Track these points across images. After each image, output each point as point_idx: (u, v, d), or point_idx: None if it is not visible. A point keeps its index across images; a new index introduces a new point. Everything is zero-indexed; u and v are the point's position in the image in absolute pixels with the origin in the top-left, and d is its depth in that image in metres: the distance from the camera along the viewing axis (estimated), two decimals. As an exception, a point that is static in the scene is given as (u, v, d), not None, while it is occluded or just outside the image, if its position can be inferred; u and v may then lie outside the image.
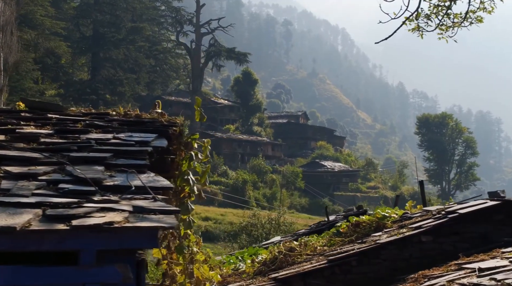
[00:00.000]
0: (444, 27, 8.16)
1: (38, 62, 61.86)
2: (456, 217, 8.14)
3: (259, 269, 9.64)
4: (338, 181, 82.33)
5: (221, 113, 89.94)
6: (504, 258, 6.63)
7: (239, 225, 35.44)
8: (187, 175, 6.08)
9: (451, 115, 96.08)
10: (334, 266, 8.06)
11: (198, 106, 6.59)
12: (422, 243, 8.13)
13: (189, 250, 6.29)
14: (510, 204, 8.26)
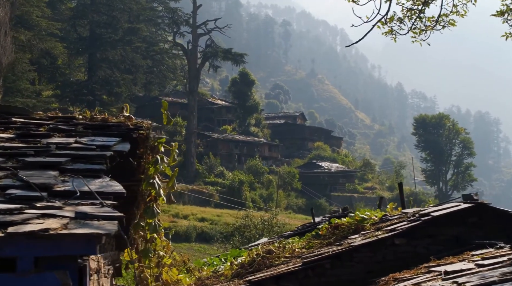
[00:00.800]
0: (418, 31, 8.19)
1: (34, 63, 61.87)
2: (429, 220, 8.17)
3: (237, 271, 9.66)
4: (335, 181, 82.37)
5: (218, 114, 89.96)
6: (471, 261, 6.65)
7: (232, 226, 35.50)
8: (153, 179, 6.09)
9: (448, 116, 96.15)
10: (308, 268, 8.08)
11: (164, 109, 6.61)
12: (396, 246, 8.15)
13: (156, 254, 6.32)
14: (483, 207, 8.29)
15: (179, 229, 53.15)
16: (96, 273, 6.82)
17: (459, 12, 8.22)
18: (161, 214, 31.10)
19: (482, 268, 6.23)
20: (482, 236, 8.03)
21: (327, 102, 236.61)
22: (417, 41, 8.26)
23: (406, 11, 8.06)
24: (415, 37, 8.27)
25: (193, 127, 72.62)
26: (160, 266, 6.40)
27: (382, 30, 8.14)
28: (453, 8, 8.14)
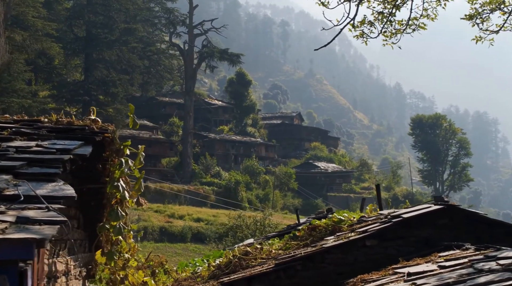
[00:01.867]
0: (389, 34, 8.24)
1: (30, 63, 61.91)
2: (400, 221, 8.23)
3: (213, 273, 9.71)
4: (332, 181, 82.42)
5: (215, 114, 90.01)
6: (435, 262, 6.71)
7: (224, 227, 35.53)
8: (117, 182, 6.15)
9: (445, 116, 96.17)
10: (280, 270, 8.13)
11: (131, 113, 6.65)
12: (367, 247, 8.20)
13: (122, 256, 6.38)
14: (453, 209, 8.35)
15: (174, 230, 53.27)
16: (65, 275, 6.88)
17: (429, 16, 8.29)
18: (157, 214, 31.44)
19: (443, 269, 6.30)
20: (452, 237, 8.09)
21: (325, 102, 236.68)
22: (389, 44, 8.33)
23: (378, 15, 8.12)
24: (386, 40, 8.33)
25: (190, 127, 72.63)
26: (126, 269, 6.44)
27: (354, 33, 8.22)
28: (424, 11, 8.22)
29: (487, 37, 8.63)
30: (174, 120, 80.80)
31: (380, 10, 8.08)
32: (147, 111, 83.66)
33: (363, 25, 8.08)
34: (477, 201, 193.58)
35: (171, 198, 63.05)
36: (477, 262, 5.94)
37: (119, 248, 6.36)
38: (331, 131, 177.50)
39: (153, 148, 69.85)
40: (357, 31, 8.17)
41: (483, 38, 8.67)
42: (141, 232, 7.45)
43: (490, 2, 8.16)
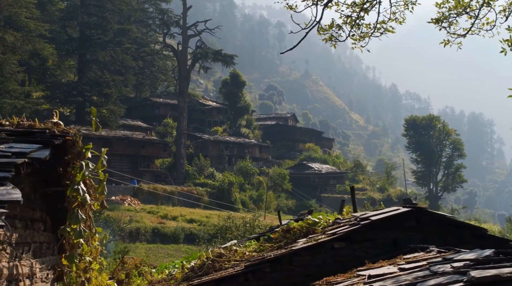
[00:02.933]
0: (357, 37, 8.27)
1: (23, 64, 61.81)
2: (368, 224, 8.26)
3: (187, 275, 9.73)
4: (326, 182, 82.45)
5: (209, 115, 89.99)
6: (397, 264, 6.75)
7: (214, 228, 35.51)
8: (77, 185, 6.16)
9: (439, 117, 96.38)
10: (248, 272, 8.15)
11: (93, 116, 6.66)
12: (335, 250, 8.24)
13: (83, 259, 6.39)
14: (421, 211, 8.40)
15: (167, 231, 53.22)
16: (29, 278, 6.88)
17: (397, 19, 8.33)
18: (149, 215, 31.31)
19: (402, 272, 6.34)
20: (420, 239, 8.13)
21: (321, 103, 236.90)
22: (358, 47, 8.36)
23: (345, 18, 8.15)
24: (354, 43, 8.36)
25: (183, 128, 72.60)
26: (88, 272, 6.45)
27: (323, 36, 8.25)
28: (392, 15, 8.25)
29: (455, 40, 8.69)
30: (168, 121, 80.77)
31: (348, 13, 8.13)
32: (141, 112, 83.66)
33: (331, 29, 8.11)
34: (472, 202, 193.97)
35: (164, 199, 63.01)
36: (434, 265, 5.98)
37: (81, 251, 6.37)
38: (327, 132, 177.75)
39: (146, 149, 69.85)
40: (326, 35, 8.21)
41: (451, 41, 8.72)
42: (107, 235, 7.43)
43: (455, 7, 8.20)
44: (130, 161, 68.57)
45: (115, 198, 59.82)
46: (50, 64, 70.37)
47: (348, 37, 8.23)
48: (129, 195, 61.82)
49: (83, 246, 6.36)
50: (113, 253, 35.89)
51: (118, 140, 67.19)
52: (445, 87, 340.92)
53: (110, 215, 48.35)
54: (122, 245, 44.34)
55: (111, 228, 44.10)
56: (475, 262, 5.24)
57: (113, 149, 66.62)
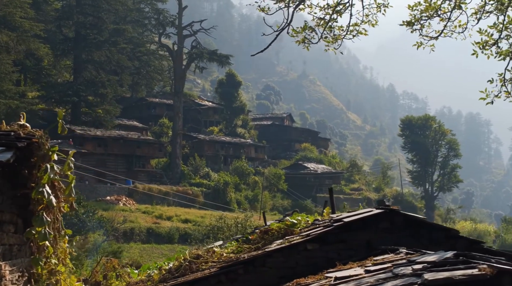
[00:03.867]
0: (331, 39, 8.28)
1: (18, 64, 61.77)
2: (341, 225, 8.27)
3: (164, 276, 9.73)
4: (321, 182, 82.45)
5: (205, 115, 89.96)
6: (364, 266, 6.76)
7: (205, 228, 35.51)
8: (42, 187, 6.16)
9: (434, 117, 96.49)
10: (221, 274, 8.16)
11: (60, 118, 6.66)
12: (308, 251, 8.23)
13: (48, 262, 6.39)
14: (394, 212, 8.41)
15: (161, 231, 53.20)
16: (-3, 280, 6.87)
17: (370, 21, 8.34)
18: (144, 215, 31.20)
19: (367, 274, 6.35)
20: (393, 241, 8.13)
21: (318, 103, 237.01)
22: (331, 49, 8.37)
23: (318, 20, 8.16)
24: (328, 45, 8.37)
25: (179, 128, 72.58)
26: (55, 274, 6.45)
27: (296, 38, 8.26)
28: (365, 17, 8.26)
29: (427, 43, 8.71)
30: (164, 121, 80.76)
31: (321, 16, 8.15)
32: (137, 112, 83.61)
33: (304, 31, 8.12)
34: (469, 201, 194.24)
35: (159, 199, 62.96)
36: (398, 267, 5.99)
37: (46, 253, 6.37)
38: (324, 132, 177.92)
39: (142, 149, 69.81)
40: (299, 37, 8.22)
41: (424, 44, 8.74)
42: (76, 237, 7.44)
43: (427, 9, 8.22)
44: (125, 161, 68.53)
45: (110, 198, 59.78)
46: (46, 64, 70.30)
47: (321, 40, 8.24)
48: (124, 195, 61.76)
49: (49, 248, 6.36)
50: (99, 254, 35.83)
51: (113, 140, 67.14)
52: (442, 87, 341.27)
53: (104, 215, 48.29)
54: (116, 245, 44.30)
55: (104, 228, 44.07)
56: (432, 265, 5.26)
57: (108, 149, 66.66)
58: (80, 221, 42.32)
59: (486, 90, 8.98)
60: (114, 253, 41.62)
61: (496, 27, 8.35)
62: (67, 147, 61.59)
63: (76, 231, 42.71)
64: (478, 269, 4.64)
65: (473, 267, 4.74)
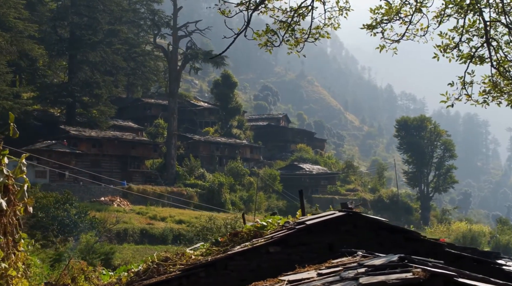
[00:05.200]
0: (293, 42, 8.26)
1: (12, 64, 61.72)
2: (303, 228, 8.26)
3: (131, 279, 9.71)
4: (317, 183, 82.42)
5: (201, 116, 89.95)
6: (318, 269, 6.75)
7: (194, 230, 35.46)
8: (-9, 190, 6.12)
9: (430, 118, 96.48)
10: (182, 277, 8.14)
11: (11, 121, 6.63)
12: (270, 254, 8.23)
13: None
14: (356, 215, 8.40)
15: (155, 231, 53.13)
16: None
17: (333, 25, 8.34)
18: (138, 216, 31.19)
19: (319, 277, 6.34)
20: (355, 243, 8.13)
21: (316, 103, 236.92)
22: (295, 52, 8.35)
23: (279, 24, 8.14)
24: (291, 48, 8.35)
25: (173, 129, 72.54)
26: (5, 278, 6.40)
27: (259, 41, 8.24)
28: (328, 20, 8.25)
29: (390, 46, 8.70)
30: (159, 122, 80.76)
31: (284, 19, 8.13)
32: (133, 112, 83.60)
33: (266, 34, 8.11)
34: (467, 202, 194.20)
35: (154, 199, 62.90)
36: (347, 270, 5.99)
37: (-4, 257, 6.32)
38: (322, 133, 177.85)
39: (136, 150, 69.79)
40: (262, 39, 8.21)
41: (386, 47, 8.73)
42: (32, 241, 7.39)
43: (387, 13, 8.21)
44: (120, 162, 68.50)
45: (104, 199, 59.74)
46: (41, 64, 70.29)
47: (282, 43, 8.23)
48: (118, 195, 61.70)
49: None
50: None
51: (108, 141, 67.12)
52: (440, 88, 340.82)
53: (97, 216, 48.21)
54: (108, 246, 44.19)
55: (96, 229, 44.00)
56: (373, 268, 5.25)
57: (103, 150, 66.66)
58: (72, 222, 42.31)
59: (447, 93, 8.98)
60: (106, 254, 41.60)
61: (457, 30, 8.35)
62: (61, 148, 61.72)
63: (68, 232, 42.80)
64: (412, 273, 4.65)
65: (408, 271, 4.74)
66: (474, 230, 69.38)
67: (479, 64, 8.47)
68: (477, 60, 8.43)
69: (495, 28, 8.31)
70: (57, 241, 36.76)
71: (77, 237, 42.34)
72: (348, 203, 8.66)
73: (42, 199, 43.06)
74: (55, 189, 51.68)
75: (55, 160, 56.73)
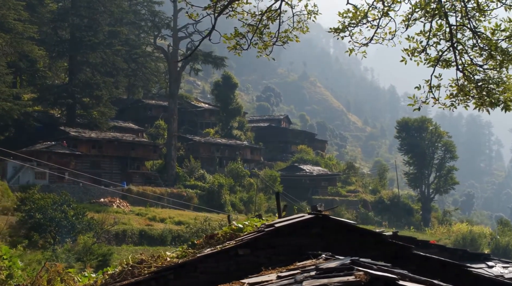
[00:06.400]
0: (263, 45, 8.29)
1: (11, 66, 61.91)
2: (272, 231, 8.27)
3: (106, 281, 9.73)
4: (317, 184, 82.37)
5: (201, 117, 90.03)
6: (279, 272, 6.77)
7: (189, 231, 35.47)
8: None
9: (431, 119, 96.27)
10: (151, 279, 8.15)
11: None
12: (240, 256, 8.23)
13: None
14: (325, 218, 8.40)
15: (154, 233, 53.12)
16: None
17: (301, 28, 8.36)
18: (138, 217, 31.45)
19: (277, 279, 6.37)
20: (324, 246, 8.14)
21: (319, 104, 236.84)
22: (265, 55, 8.38)
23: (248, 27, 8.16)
24: (260, 52, 8.38)
25: (174, 130, 72.62)
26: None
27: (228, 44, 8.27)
28: (297, 24, 8.27)
29: (359, 49, 8.72)
30: (160, 123, 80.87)
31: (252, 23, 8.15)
32: (134, 114, 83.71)
33: (235, 37, 8.13)
34: (470, 203, 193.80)
35: (154, 201, 62.97)
36: (301, 273, 6.01)
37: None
38: (324, 134, 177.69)
39: (136, 151, 69.86)
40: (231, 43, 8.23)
41: (355, 50, 8.75)
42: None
43: (354, 16, 8.24)
44: (120, 163, 68.59)
45: (104, 200, 59.78)
46: (41, 66, 70.49)
47: (251, 46, 8.26)
48: (118, 197, 61.78)
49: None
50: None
51: (108, 142, 67.21)
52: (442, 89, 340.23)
53: (96, 217, 48.25)
54: (106, 247, 44.27)
55: (94, 230, 44.07)
56: (322, 271, 5.28)
57: (103, 151, 66.74)
58: (69, 223, 42.41)
59: (414, 97, 9.01)
60: (104, 255, 41.66)
61: (424, 34, 8.37)
62: (61, 149, 61.81)
63: (65, 233, 42.91)
64: (354, 276, 4.67)
65: (351, 274, 4.76)
66: (475, 231, 69.23)
67: (446, 68, 8.49)
68: (444, 64, 8.44)
69: (463, 32, 8.33)
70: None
71: (74, 238, 42.44)
72: (318, 206, 8.67)
73: (39, 200, 43.19)
74: (54, 190, 51.80)
75: (55, 161, 56.87)
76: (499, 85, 8.47)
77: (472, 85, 8.43)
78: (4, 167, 55.41)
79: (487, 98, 8.45)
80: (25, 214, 42.46)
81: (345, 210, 78.14)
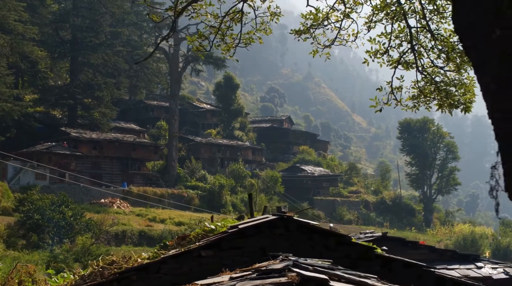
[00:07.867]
0: (226, 47, 8.27)
1: (12, 67, 62.14)
2: (236, 232, 8.23)
3: (76, 282, 9.72)
4: (318, 185, 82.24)
5: (203, 117, 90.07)
6: (234, 273, 6.73)
7: (183, 232, 35.38)
8: None
9: (432, 119, 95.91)
10: (114, 281, 8.13)
11: None
12: (203, 258, 8.20)
13: None
14: (288, 219, 8.36)
15: (154, 233, 53.17)
16: None
17: (265, 30, 8.33)
18: (138, 218, 31.70)
19: (230, 281, 6.33)
20: (287, 247, 8.09)
21: (323, 105, 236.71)
22: (230, 57, 8.35)
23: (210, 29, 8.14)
24: (224, 53, 8.36)
25: (175, 131, 72.69)
26: None
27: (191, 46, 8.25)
28: (261, 25, 8.23)
29: (323, 51, 8.69)
30: (161, 124, 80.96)
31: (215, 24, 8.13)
32: (135, 114, 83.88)
33: (197, 39, 8.11)
34: (475, 204, 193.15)
35: (154, 201, 63.00)
36: (252, 274, 5.98)
37: None
38: (328, 134, 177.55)
39: (137, 152, 69.96)
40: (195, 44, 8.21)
41: (319, 52, 8.72)
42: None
43: (315, 18, 8.21)
44: (120, 164, 68.70)
45: (104, 201, 59.89)
46: (42, 67, 70.70)
47: (213, 47, 8.24)
48: (118, 197, 61.88)
49: None
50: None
51: (109, 143, 67.31)
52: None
53: (95, 218, 48.31)
54: (104, 248, 44.31)
55: (92, 231, 44.10)
56: (261, 272, 5.24)
57: (103, 152, 66.86)
58: (67, 224, 42.49)
59: (376, 98, 8.99)
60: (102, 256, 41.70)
61: (386, 36, 8.33)
62: (61, 150, 61.98)
63: (63, 234, 42.99)
64: (287, 277, 4.64)
65: (284, 275, 4.73)
66: (476, 232, 68.93)
67: (406, 70, 8.45)
68: (405, 65, 8.41)
69: (425, 34, 8.28)
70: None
71: (72, 239, 42.52)
72: (282, 207, 8.63)
73: (38, 201, 43.28)
74: (54, 191, 51.93)
75: (55, 162, 57.02)
76: (457, 87, 8.42)
77: (431, 87, 8.38)
78: (5, 168, 55.61)
79: (446, 99, 8.39)
80: (23, 214, 42.54)
81: (347, 211, 78.01)
